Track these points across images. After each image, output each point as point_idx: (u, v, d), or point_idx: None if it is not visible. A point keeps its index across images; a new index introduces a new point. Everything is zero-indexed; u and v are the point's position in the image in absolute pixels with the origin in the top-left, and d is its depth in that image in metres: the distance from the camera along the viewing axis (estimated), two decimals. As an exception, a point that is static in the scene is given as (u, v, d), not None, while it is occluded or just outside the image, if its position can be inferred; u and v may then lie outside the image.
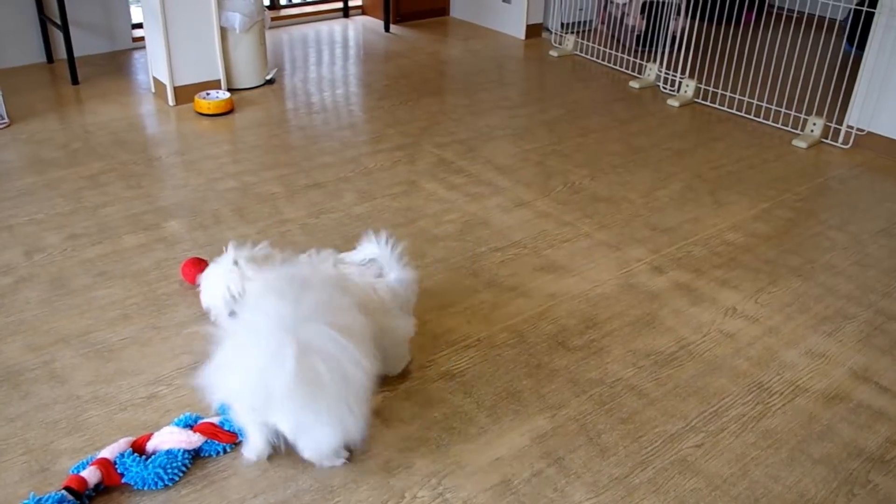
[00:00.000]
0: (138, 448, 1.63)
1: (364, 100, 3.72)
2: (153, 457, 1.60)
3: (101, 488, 1.57)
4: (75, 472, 1.57)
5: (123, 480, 1.57)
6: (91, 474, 1.55)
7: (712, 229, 2.61)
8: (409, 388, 1.86)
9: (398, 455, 1.67)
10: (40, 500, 1.48)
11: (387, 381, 1.87)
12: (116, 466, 1.57)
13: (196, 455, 1.65)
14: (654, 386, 1.89)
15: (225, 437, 1.65)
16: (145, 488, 1.57)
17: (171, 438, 1.63)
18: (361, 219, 2.61)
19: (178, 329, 2.05)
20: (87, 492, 1.54)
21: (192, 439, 1.63)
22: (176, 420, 1.70)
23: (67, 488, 1.52)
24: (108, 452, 1.59)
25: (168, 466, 1.58)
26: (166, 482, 1.57)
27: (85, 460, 1.59)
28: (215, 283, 1.89)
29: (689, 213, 2.71)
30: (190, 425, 1.67)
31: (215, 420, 1.67)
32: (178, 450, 1.61)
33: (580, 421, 1.77)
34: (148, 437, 1.65)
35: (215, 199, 2.72)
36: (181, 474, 1.60)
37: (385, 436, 1.72)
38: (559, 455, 1.68)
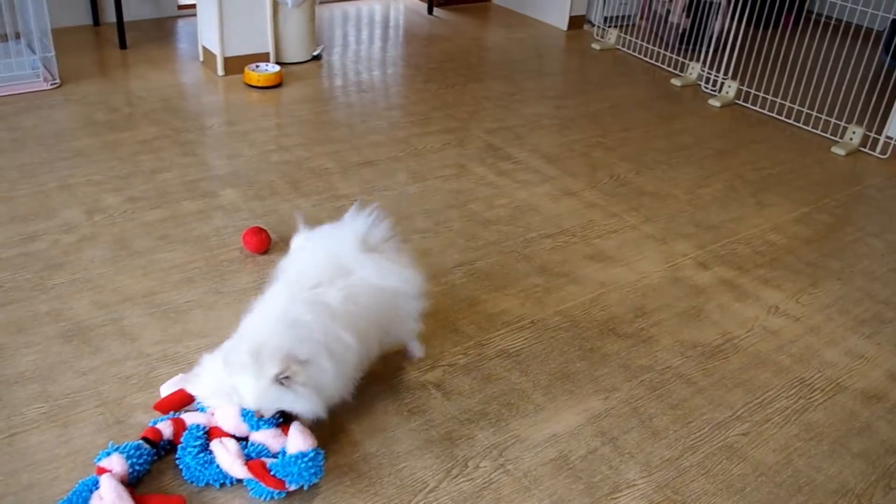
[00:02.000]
0: (211, 434, 1.59)
1: (410, 81, 3.77)
2: (203, 453, 1.55)
3: (171, 445, 1.60)
4: (153, 425, 1.61)
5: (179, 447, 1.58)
6: (166, 428, 1.60)
7: (755, 229, 2.67)
8: (468, 363, 1.93)
9: (460, 426, 1.74)
10: (119, 447, 1.53)
11: (447, 357, 1.95)
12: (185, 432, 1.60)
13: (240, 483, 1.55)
14: (701, 375, 1.97)
15: (271, 482, 1.51)
16: (178, 465, 1.56)
17: (222, 455, 1.54)
18: (415, 198, 2.67)
19: (241, 295, 2.12)
20: (161, 443, 1.58)
21: (234, 470, 1.52)
22: (245, 443, 1.59)
23: (145, 438, 1.57)
24: (186, 415, 1.63)
25: (197, 470, 1.54)
26: (187, 478, 1.55)
27: (165, 416, 1.64)
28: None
29: (733, 213, 2.77)
30: (250, 456, 1.56)
31: (269, 461, 1.54)
32: (219, 469, 1.54)
33: (632, 404, 1.85)
34: (219, 435, 1.58)
35: (269, 170, 2.78)
36: (205, 484, 1.54)
37: (446, 408, 1.79)
38: (613, 435, 1.76)
